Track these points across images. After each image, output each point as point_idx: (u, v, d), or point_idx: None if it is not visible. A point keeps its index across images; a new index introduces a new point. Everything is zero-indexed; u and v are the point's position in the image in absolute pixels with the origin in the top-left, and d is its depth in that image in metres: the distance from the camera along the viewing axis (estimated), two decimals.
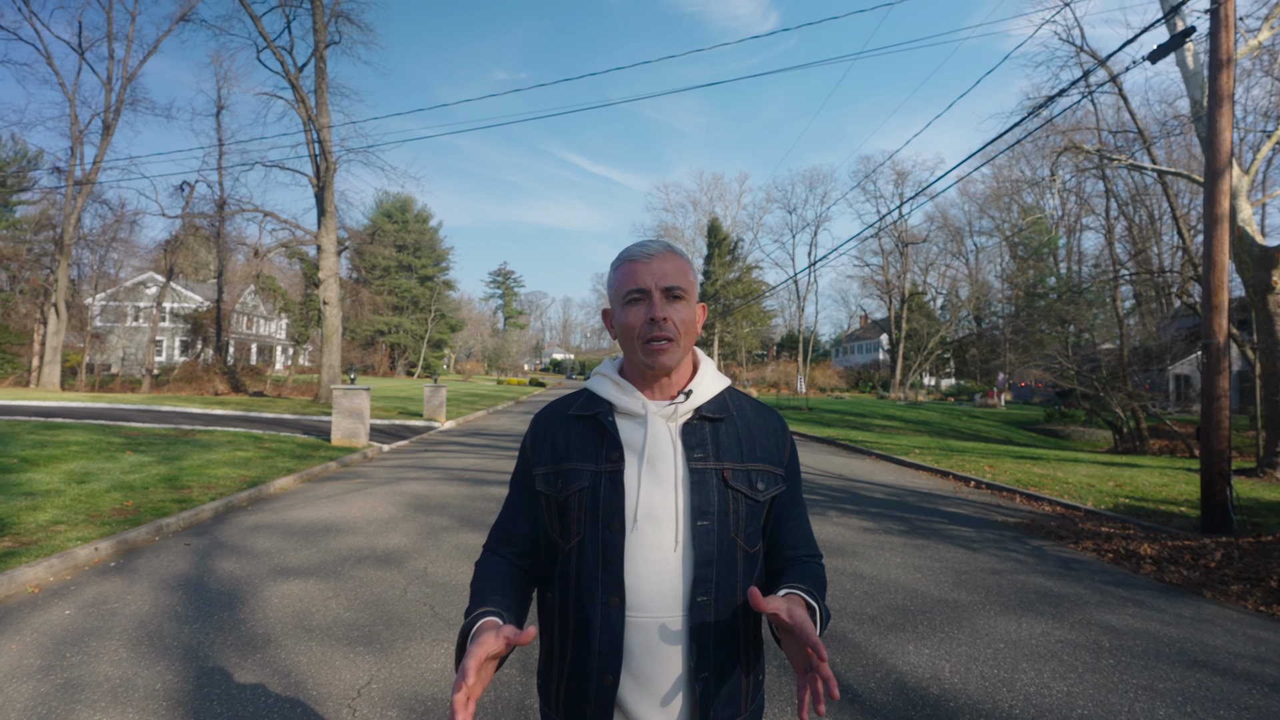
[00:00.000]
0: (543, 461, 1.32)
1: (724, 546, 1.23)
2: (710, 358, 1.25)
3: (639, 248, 1.31)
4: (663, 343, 1.26)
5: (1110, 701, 3.38)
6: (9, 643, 3.95)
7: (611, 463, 1.26)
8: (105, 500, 7.50)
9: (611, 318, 1.35)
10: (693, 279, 1.33)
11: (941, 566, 5.86)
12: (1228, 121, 7.64)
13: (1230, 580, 5.44)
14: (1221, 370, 7.60)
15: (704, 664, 1.20)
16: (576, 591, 1.23)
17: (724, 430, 1.31)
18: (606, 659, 1.20)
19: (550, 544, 1.31)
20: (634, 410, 1.29)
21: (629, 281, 1.28)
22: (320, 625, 4.25)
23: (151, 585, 5.03)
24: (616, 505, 1.22)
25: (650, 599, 1.20)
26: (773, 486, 1.31)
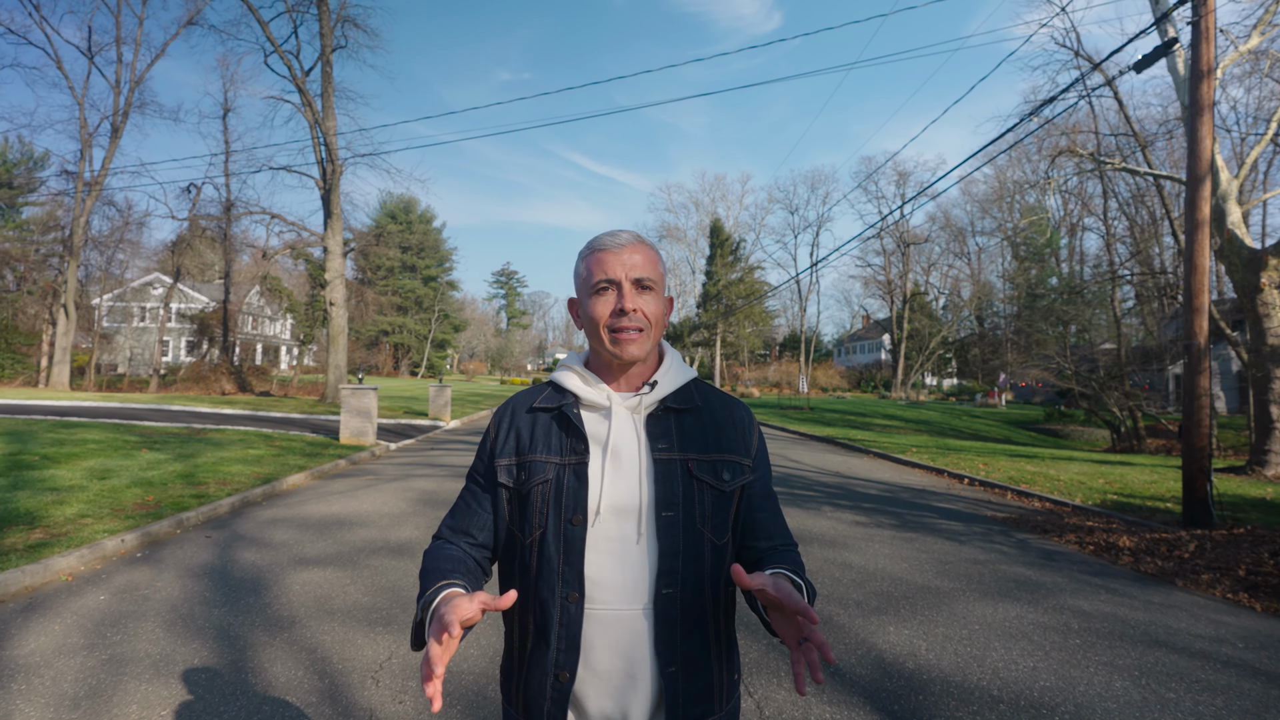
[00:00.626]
0: (506, 453, 1.32)
1: (690, 538, 1.22)
2: (676, 350, 1.35)
3: (609, 237, 1.30)
4: (631, 333, 1.25)
5: (1071, 675, 3.67)
6: (52, 623, 4.25)
7: (576, 455, 1.25)
8: (127, 495, 7.80)
9: (578, 307, 1.35)
10: (662, 271, 1.32)
11: (927, 557, 6.15)
12: (1208, 130, 7.90)
13: (1202, 570, 5.72)
14: (1202, 370, 7.87)
15: (671, 658, 1.19)
16: (536, 586, 1.23)
17: (689, 421, 1.30)
18: (564, 655, 1.19)
19: (510, 537, 1.31)
20: (598, 402, 1.29)
21: (598, 271, 1.28)
22: (341, 609, 4.55)
23: (178, 574, 5.33)
24: (580, 498, 1.22)
25: (614, 592, 1.19)
26: (739, 477, 1.30)
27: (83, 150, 30.02)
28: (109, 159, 30.58)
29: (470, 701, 3.29)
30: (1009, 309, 61.46)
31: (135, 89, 31.22)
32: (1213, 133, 8.01)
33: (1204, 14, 7.87)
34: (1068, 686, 3.53)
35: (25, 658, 3.71)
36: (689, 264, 71.15)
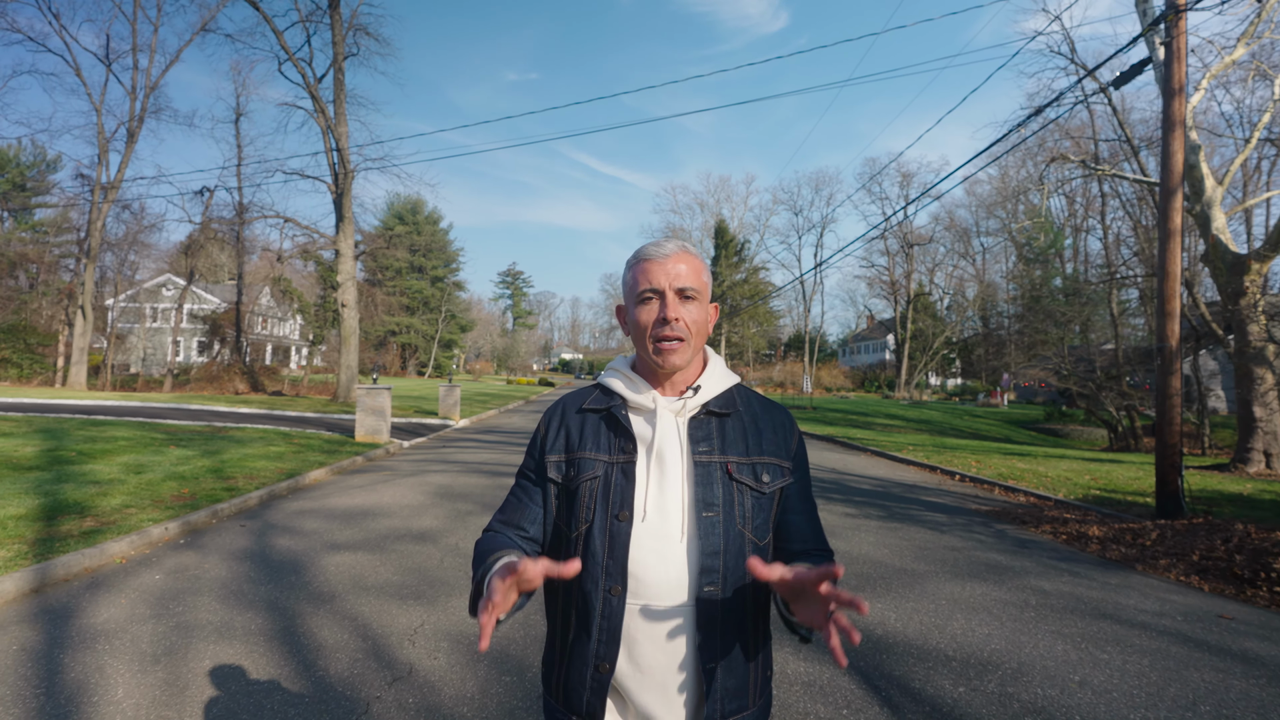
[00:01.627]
0: (556, 450, 1.37)
1: (730, 538, 1.25)
2: (719, 355, 1.46)
3: (654, 247, 1.34)
4: (674, 343, 1.29)
5: (1020, 640, 4.18)
6: (118, 598, 4.78)
7: (625, 454, 1.30)
8: (163, 488, 8.35)
9: (625, 314, 1.39)
10: (706, 280, 1.36)
11: (908, 545, 6.65)
12: (1179, 145, 8.37)
13: (1160, 555, 6.21)
14: (1173, 371, 8.34)
15: (712, 654, 1.22)
16: (581, 579, 1.26)
17: (730, 425, 1.35)
18: (605, 646, 1.23)
19: (557, 532, 1.35)
20: (644, 405, 1.33)
21: (643, 280, 1.32)
22: (374, 586, 5.08)
23: (222, 557, 5.86)
24: (627, 495, 1.26)
25: (657, 588, 1.22)
26: (779, 479, 1.33)
27: (100, 156, 30.71)
28: (125, 164, 31.24)
29: (513, 682, 3.80)
30: (1013, 309, 61.79)
31: (150, 95, 31.87)
32: (1184, 147, 8.48)
33: (1175, 35, 8.35)
34: (1014, 649, 4.04)
35: (102, 625, 4.24)
36: None
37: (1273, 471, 12.72)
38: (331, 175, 25.02)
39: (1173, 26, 8.32)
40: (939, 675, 3.67)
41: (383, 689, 3.43)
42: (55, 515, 6.70)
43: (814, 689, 3.50)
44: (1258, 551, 5.63)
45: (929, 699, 3.39)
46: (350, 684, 3.48)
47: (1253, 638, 4.37)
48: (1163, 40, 8.54)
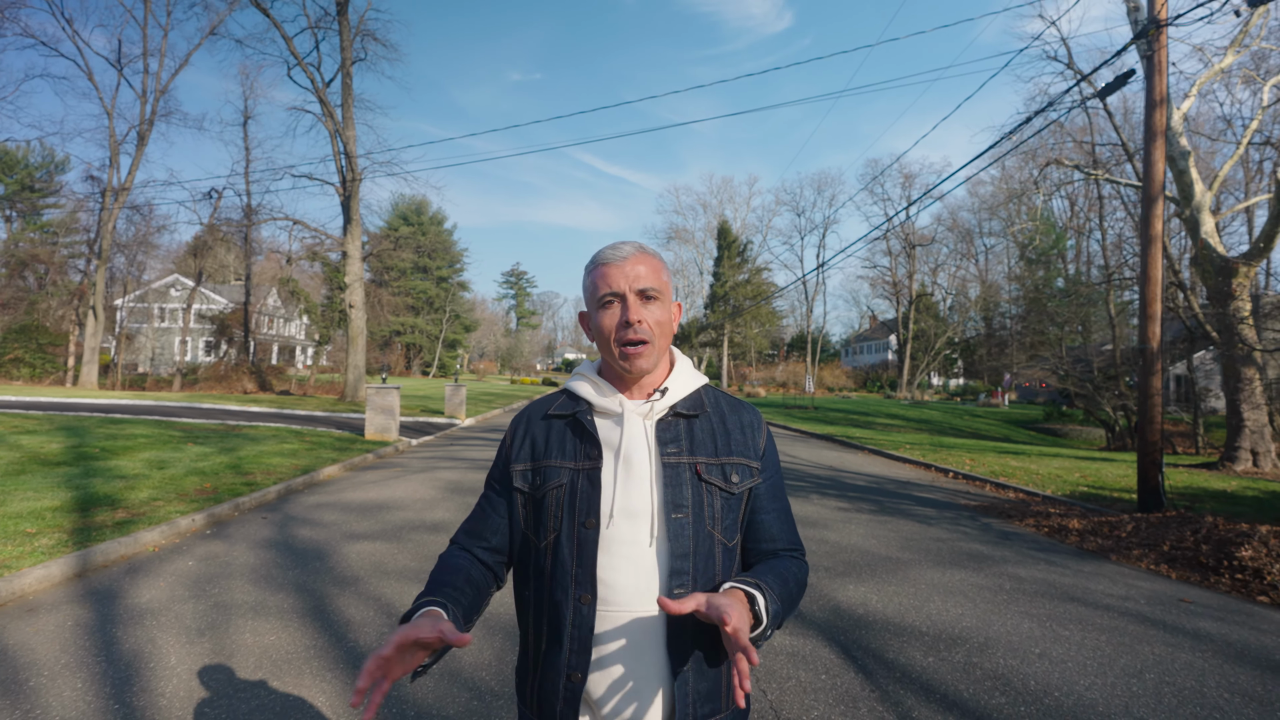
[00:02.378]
0: (522, 459, 1.36)
1: (700, 539, 1.25)
2: (687, 356, 1.38)
3: (611, 250, 1.33)
4: (638, 346, 1.29)
5: (990, 619, 4.54)
6: (157, 581, 5.16)
7: (590, 460, 1.29)
8: (186, 483, 8.74)
9: (588, 320, 1.38)
10: (666, 279, 1.35)
11: (896, 536, 7.02)
12: (1160, 154, 8.71)
13: (1133, 546, 6.56)
14: (1155, 372, 8.67)
15: (683, 658, 1.22)
16: (550, 588, 1.26)
17: (699, 426, 1.34)
18: (576, 656, 1.22)
19: (525, 542, 1.34)
20: (611, 409, 1.32)
21: (603, 285, 1.31)
22: (393, 571, 5.45)
23: (248, 546, 6.24)
24: (593, 502, 1.26)
25: (626, 593, 1.22)
26: (747, 479, 1.33)
27: (112, 158, 31.19)
28: (135, 166, 31.71)
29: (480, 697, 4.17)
30: (1015, 309, 62.05)
31: (160, 98, 32.33)
32: (1166, 155, 8.81)
33: (1157, 49, 8.69)
34: (984, 627, 4.41)
35: (146, 604, 4.62)
36: (696, 265, 72.02)
37: (1260, 470, 13.05)
38: (339, 178, 25.44)
39: (1154, 40, 8.66)
40: (911, 648, 4.04)
41: None
42: (88, 507, 7.09)
43: (797, 658, 3.87)
44: (1222, 541, 5.98)
45: (900, 667, 3.76)
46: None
47: (1207, 618, 4.73)
48: (1144, 54, 8.87)
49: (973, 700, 3.39)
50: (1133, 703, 3.39)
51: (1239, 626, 4.58)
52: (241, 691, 3.38)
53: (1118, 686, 3.58)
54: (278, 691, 3.39)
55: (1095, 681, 3.63)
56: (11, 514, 6.62)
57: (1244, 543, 5.80)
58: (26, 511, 6.74)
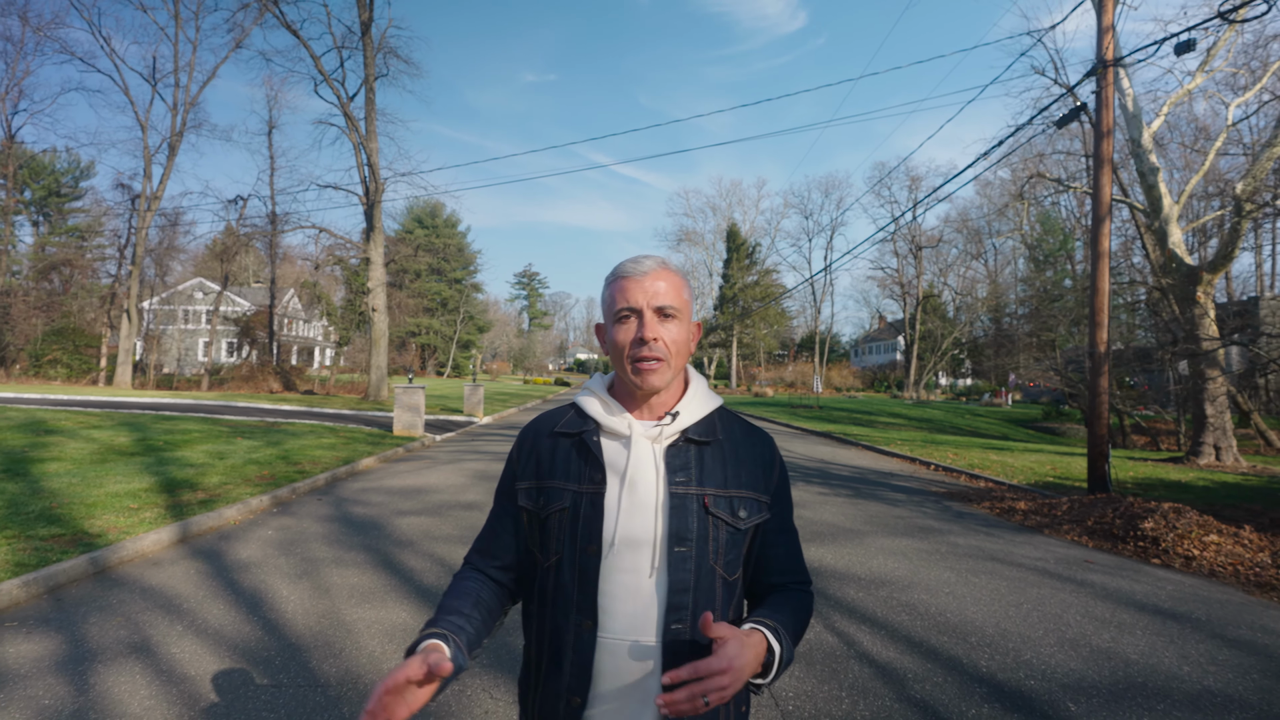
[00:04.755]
0: (527, 476, 1.34)
1: (701, 574, 1.23)
2: (702, 376, 1.45)
3: (632, 264, 1.31)
4: (652, 363, 1.26)
5: (919, 570, 5.69)
6: (249, 545, 6.37)
7: (594, 484, 1.27)
8: (247, 470, 9.97)
9: (604, 333, 1.35)
10: (686, 298, 1.32)
11: (863, 514, 8.16)
12: (1107, 179, 9.78)
13: (1064, 522, 7.68)
14: (1103, 373, 9.75)
15: None
16: (552, 610, 1.26)
17: (709, 454, 1.30)
18: (575, 680, 1.22)
19: (532, 559, 1.34)
20: (619, 430, 1.30)
21: (620, 299, 1.28)
22: (440, 537, 6.65)
23: (314, 520, 7.45)
24: (595, 527, 1.24)
25: (625, 622, 1.21)
26: (755, 514, 1.30)
27: (146, 169, 32.66)
28: (166, 176, 33.19)
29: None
30: (1022, 310, 62.74)
31: (189, 110, 33.79)
32: (1111, 181, 9.88)
33: (1104, 86, 9.76)
34: (911, 575, 5.56)
35: (247, 559, 5.83)
36: (706, 267, 73.17)
37: (1222, 463, 14.06)
38: (363, 188, 26.76)
39: (1101, 78, 9.73)
40: (848, 587, 5.20)
41: None
42: (173, 489, 8.33)
43: None
44: (1133, 516, 7.08)
45: (835, 599, 4.92)
46: (439, 590, 5.05)
47: (1098, 573, 5.85)
48: (1093, 90, 9.95)
49: (884, 619, 4.54)
50: (1004, 621, 4.54)
51: (1121, 578, 5.70)
52: (342, 611, 4.58)
53: (997, 612, 4.73)
54: (369, 612, 4.58)
55: (982, 609, 4.77)
56: (112, 493, 7.86)
57: (1148, 517, 6.91)
58: (123, 492, 7.97)
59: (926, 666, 3.82)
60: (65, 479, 8.51)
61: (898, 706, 3.35)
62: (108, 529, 6.35)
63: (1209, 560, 6.21)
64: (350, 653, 3.90)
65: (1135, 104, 14.91)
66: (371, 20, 25.62)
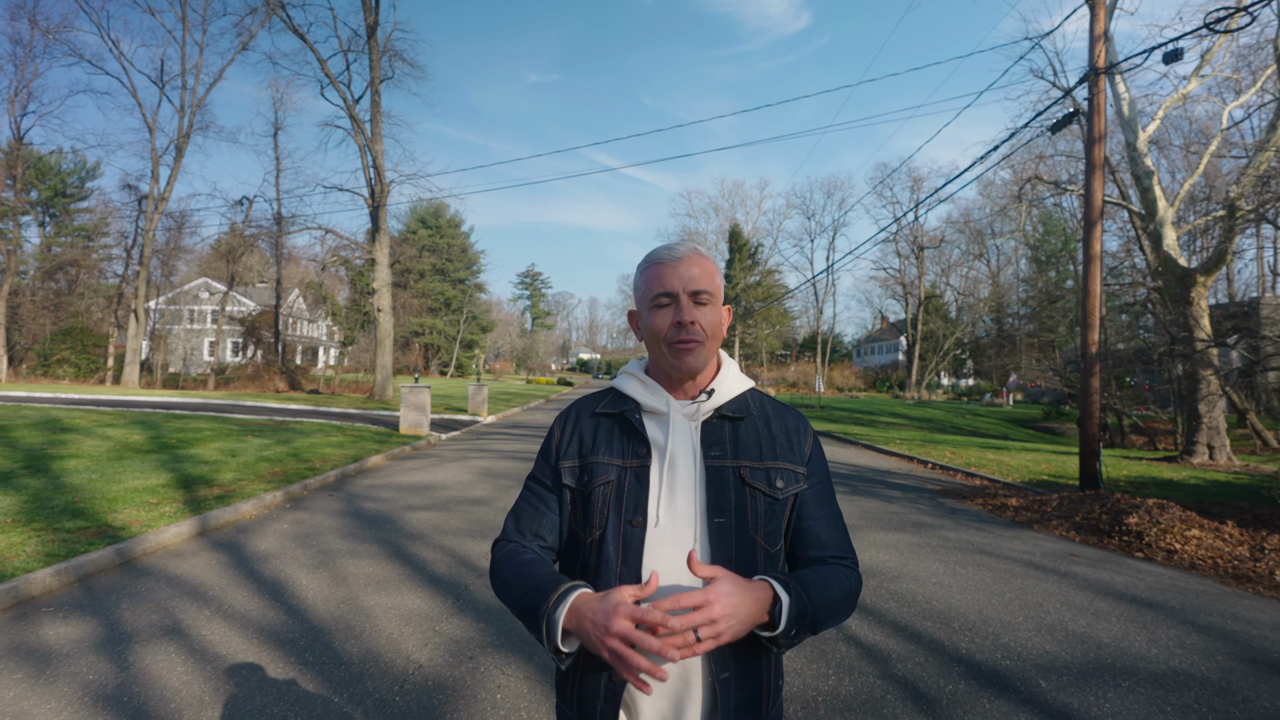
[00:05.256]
0: (570, 455, 1.38)
1: (742, 544, 1.26)
2: (732, 359, 1.46)
3: (666, 251, 1.34)
4: (690, 345, 1.29)
5: (908, 562, 5.94)
6: (266, 538, 6.62)
7: (639, 459, 1.31)
8: (260, 467, 10.24)
9: (638, 319, 1.39)
10: (719, 282, 1.36)
11: (858, 509, 8.40)
12: (1099, 185, 10.01)
13: (1053, 518, 7.91)
14: (1094, 374, 9.98)
15: (723, 664, 1.22)
16: (595, 585, 1.26)
17: (744, 429, 1.34)
18: None
19: (573, 537, 1.36)
20: (658, 409, 1.34)
21: (656, 285, 1.31)
22: (449, 530, 6.91)
23: (327, 515, 7.71)
24: (640, 500, 1.27)
25: (667, 595, 1.17)
26: (793, 484, 1.32)
27: (153, 170, 33.00)
28: (174, 177, 33.52)
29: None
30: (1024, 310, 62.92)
31: (196, 112, 34.12)
32: (1103, 186, 10.11)
33: (1095, 93, 9.99)
34: (901, 566, 5.80)
35: (265, 551, 6.09)
36: None
37: (1215, 463, 14.27)
38: (368, 190, 27.05)
39: (1093, 86, 9.96)
40: None
41: (472, 580, 5.26)
42: (189, 485, 8.60)
43: None
44: (1119, 511, 7.32)
45: None
46: (450, 578, 5.31)
47: (1082, 565, 6.09)
48: (1085, 97, 10.17)
49: (872, 606, 4.79)
50: (986, 608, 4.79)
51: (1103, 571, 5.94)
52: (360, 598, 4.83)
53: (981, 600, 4.98)
54: (386, 598, 4.84)
55: (967, 597, 5.02)
56: (132, 489, 8.13)
57: (1133, 512, 7.15)
58: (142, 487, 8.24)
59: (910, 648, 4.07)
60: (85, 475, 8.78)
61: (880, 683, 3.60)
62: (130, 522, 6.61)
63: (1190, 554, 6.44)
64: (370, 635, 4.15)
65: (1131, 108, 15.12)
66: (377, 24, 25.91)
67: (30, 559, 5.28)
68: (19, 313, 36.36)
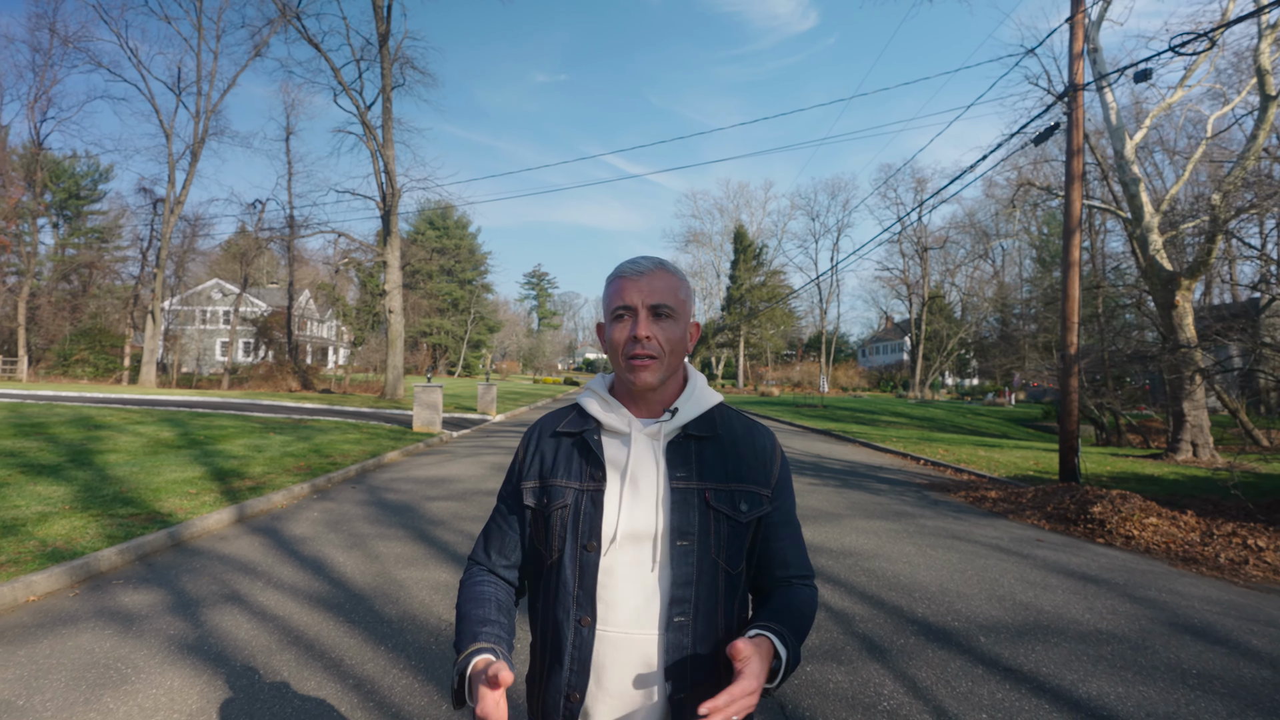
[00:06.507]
0: (531, 476, 1.38)
1: (704, 567, 1.26)
2: (700, 373, 1.45)
3: (630, 264, 1.34)
4: (645, 360, 1.28)
5: (884, 545, 6.55)
6: (299, 524, 7.26)
7: (594, 482, 1.31)
8: (285, 462, 10.89)
9: (604, 332, 1.37)
10: (683, 297, 1.35)
11: (846, 501, 9.01)
12: (1078, 195, 10.57)
13: (1027, 508, 8.50)
14: (1073, 374, 10.54)
15: (681, 684, 1.23)
16: (554, 608, 1.30)
17: (710, 449, 1.33)
18: (575, 676, 1.25)
19: (537, 556, 1.37)
20: (619, 428, 1.34)
21: (617, 298, 1.32)
22: (468, 517, 7.54)
23: (353, 504, 8.35)
24: (595, 524, 1.27)
25: (628, 615, 1.24)
26: (757, 508, 1.32)
27: (170, 175, 33.81)
28: (189, 181, 34.34)
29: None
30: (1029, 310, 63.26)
31: (211, 118, 34.90)
32: (1081, 196, 10.67)
33: (1074, 109, 10.56)
34: (877, 548, 6.41)
35: (301, 535, 6.73)
36: (714, 268, 74.06)
37: (1198, 460, 14.80)
38: (380, 194, 27.75)
39: (1071, 101, 10.53)
40: (819, 557, 6.05)
41: None
42: (223, 477, 9.25)
43: None
44: (1085, 501, 7.90)
45: None
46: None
47: (1045, 549, 6.69)
48: (1065, 111, 10.74)
49: (845, 580, 5.40)
50: (947, 583, 5.39)
51: (1063, 553, 6.53)
52: (392, 572, 5.47)
53: (944, 576, 5.58)
54: (415, 572, 5.47)
55: (932, 574, 5.63)
56: (171, 480, 8.79)
57: (1097, 502, 7.73)
58: (180, 479, 8.90)
59: (872, 613, 4.68)
60: (126, 468, 9.45)
61: (842, 638, 4.21)
62: (175, 510, 7.26)
63: (1146, 539, 7.03)
64: (405, 601, 4.78)
65: (1118, 117, 15.66)
66: (389, 32, 26.61)
67: (94, 540, 5.93)
68: (37, 314, 37.22)
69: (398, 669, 3.72)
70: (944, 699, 3.44)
